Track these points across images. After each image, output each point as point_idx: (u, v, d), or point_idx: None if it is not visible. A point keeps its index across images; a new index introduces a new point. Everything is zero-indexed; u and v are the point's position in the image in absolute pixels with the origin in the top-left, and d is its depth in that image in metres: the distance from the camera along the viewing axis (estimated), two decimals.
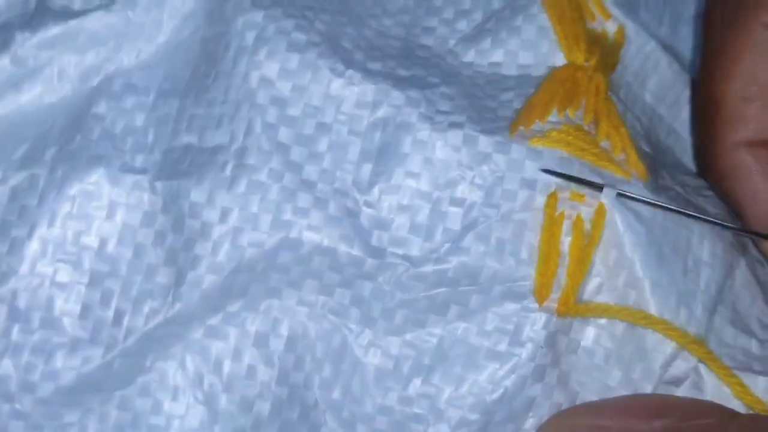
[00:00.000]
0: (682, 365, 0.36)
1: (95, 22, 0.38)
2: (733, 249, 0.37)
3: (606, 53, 0.39)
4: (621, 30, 0.40)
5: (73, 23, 0.37)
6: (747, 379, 0.36)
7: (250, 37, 0.37)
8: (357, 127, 0.36)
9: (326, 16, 0.39)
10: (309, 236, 0.35)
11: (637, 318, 0.34)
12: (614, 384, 0.35)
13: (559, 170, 0.36)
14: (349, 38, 0.38)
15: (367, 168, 0.36)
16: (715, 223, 0.36)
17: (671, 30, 0.42)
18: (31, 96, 0.37)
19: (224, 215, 0.35)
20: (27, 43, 0.37)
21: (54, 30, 0.37)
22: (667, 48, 0.41)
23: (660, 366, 0.35)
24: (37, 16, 0.38)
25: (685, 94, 0.41)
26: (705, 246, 0.36)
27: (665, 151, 0.40)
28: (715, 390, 0.36)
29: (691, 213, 0.36)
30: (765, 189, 0.37)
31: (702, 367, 0.36)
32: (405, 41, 0.39)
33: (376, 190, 0.35)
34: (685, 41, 0.42)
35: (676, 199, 0.38)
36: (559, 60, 0.38)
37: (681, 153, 0.41)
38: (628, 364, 0.35)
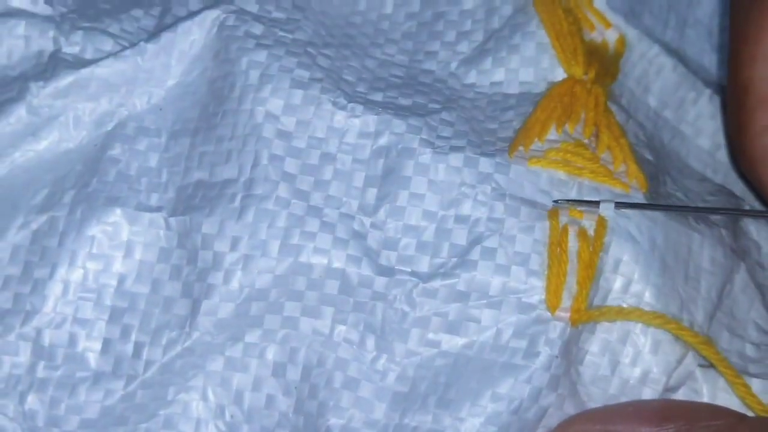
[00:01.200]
0: (681, 371, 0.36)
1: (106, 69, 0.39)
2: (734, 254, 0.38)
3: (606, 64, 0.40)
4: (621, 39, 0.41)
5: (85, 71, 0.39)
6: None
7: (254, 75, 0.38)
8: (360, 155, 0.37)
9: (329, 51, 0.40)
10: (318, 260, 0.36)
11: (650, 318, 0.35)
12: (619, 393, 0.36)
13: (556, 193, 0.36)
14: (352, 71, 0.40)
15: (372, 192, 0.37)
16: (715, 211, 0.37)
17: (677, 33, 0.42)
18: (47, 143, 0.39)
19: (234, 244, 0.36)
20: (41, 93, 0.38)
21: (67, 79, 0.39)
22: (673, 51, 0.42)
23: (664, 373, 0.36)
24: (50, 67, 0.39)
25: (691, 96, 0.42)
26: (705, 253, 0.37)
27: (670, 155, 0.41)
28: (711, 394, 0.37)
29: (690, 206, 0.37)
30: None
31: (698, 372, 0.37)
32: (408, 68, 0.41)
33: (381, 212, 0.36)
34: (692, 44, 0.42)
35: (677, 205, 0.38)
36: (560, 74, 0.39)
37: (686, 155, 0.41)
38: (634, 372, 0.36)
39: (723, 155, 0.41)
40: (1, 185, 0.38)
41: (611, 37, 0.41)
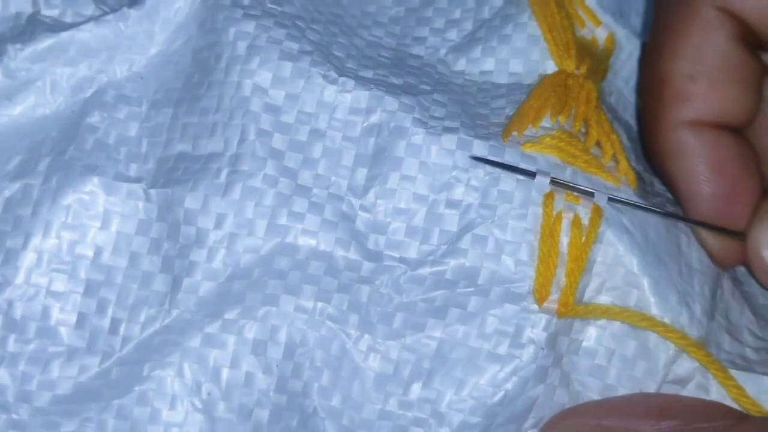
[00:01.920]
0: (687, 365, 0.36)
1: (87, 34, 0.38)
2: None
3: (596, 61, 0.39)
4: (611, 37, 0.41)
5: (64, 35, 0.38)
6: (752, 379, 0.36)
7: (242, 46, 0.37)
8: (351, 132, 0.36)
9: (317, 26, 0.39)
10: (305, 241, 0.35)
11: (637, 320, 0.35)
12: (616, 383, 0.35)
13: (552, 175, 0.36)
14: (341, 47, 0.39)
15: (362, 173, 0.36)
16: (702, 225, 0.37)
17: None
18: (23, 108, 0.37)
19: (219, 221, 0.35)
20: (19, 56, 0.37)
21: (45, 42, 0.38)
22: None
23: (663, 365, 0.36)
24: (28, 30, 0.38)
25: None
26: (693, 253, 0.37)
27: None
28: (721, 391, 0.36)
29: (679, 216, 0.37)
30: (702, 171, 0.36)
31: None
32: (396, 51, 0.40)
33: (371, 194, 0.36)
34: None
35: (665, 204, 0.38)
36: (550, 68, 0.39)
37: None
38: (630, 363, 0.36)
39: None
40: None
41: (601, 35, 0.41)
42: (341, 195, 0.36)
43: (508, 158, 0.36)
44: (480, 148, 0.36)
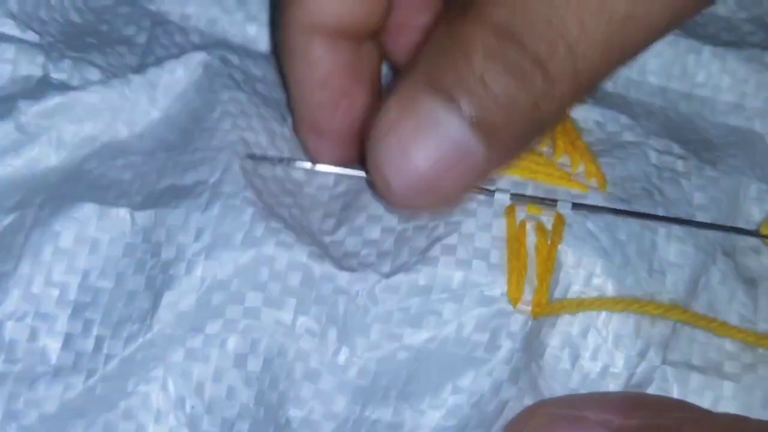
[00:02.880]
0: (645, 366, 0.36)
1: (93, 95, 0.41)
2: (709, 246, 0.38)
3: None
4: None
5: (72, 94, 0.41)
6: (712, 382, 0.36)
7: (234, 108, 0.40)
8: (320, 197, 0.39)
9: None
10: (281, 252, 0.36)
11: (610, 305, 0.35)
12: (579, 387, 0.36)
13: (513, 192, 0.37)
14: None
15: (330, 221, 0.38)
16: (685, 223, 0.37)
17: None
18: (28, 159, 0.40)
19: (198, 234, 0.37)
20: (29, 111, 0.40)
21: (54, 100, 0.41)
22: None
23: (625, 368, 0.36)
24: (38, 90, 0.41)
25: (691, 59, 0.43)
26: (672, 246, 0.37)
27: (681, 121, 0.42)
28: (681, 394, 0.37)
29: (646, 214, 0.37)
30: (309, 79, 0.36)
31: (669, 371, 0.36)
32: None
33: (341, 231, 0.38)
34: None
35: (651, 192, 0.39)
36: None
37: (704, 112, 0.42)
38: (594, 366, 0.36)
39: (752, 101, 0.42)
40: None
41: None
42: (313, 231, 0.38)
43: None
44: None
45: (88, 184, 0.39)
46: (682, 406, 0.35)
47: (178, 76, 0.42)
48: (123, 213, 0.38)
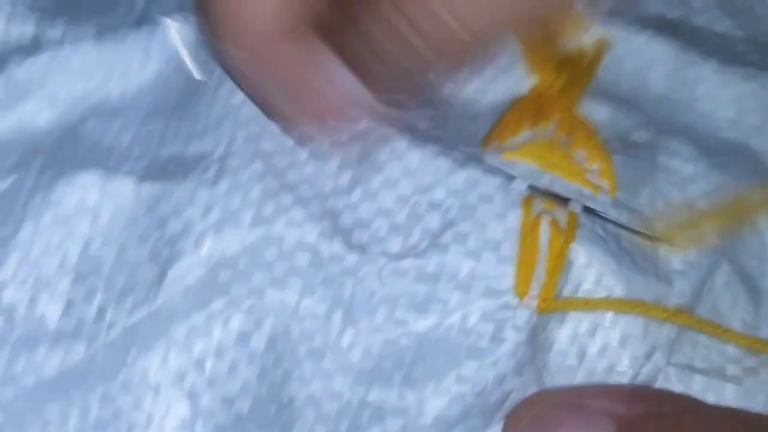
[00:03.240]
0: (651, 368, 0.37)
1: (86, 53, 0.40)
2: (713, 252, 0.39)
3: (579, 70, 0.41)
4: (601, 40, 0.43)
5: (65, 52, 0.40)
6: (715, 385, 0.37)
7: None
8: (337, 140, 0.38)
9: None
10: (290, 232, 0.36)
11: (616, 306, 0.36)
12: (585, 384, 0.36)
13: (530, 182, 0.37)
14: None
15: (346, 175, 0.37)
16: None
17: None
18: (21, 117, 0.39)
19: (206, 212, 0.36)
20: (20, 69, 0.39)
21: (46, 57, 0.39)
22: (668, 25, 0.44)
23: (630, 367, 0.37)
24: (31, 47, 0.40)
25: (692, 72, 0.43)
26: (673, 257, 0.38)
27: (681, 132, 0.42)
28: (684, 393, 0.37)
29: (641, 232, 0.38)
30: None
31: (672, 371, 0.37)
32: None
33: (355, 193, 0.37)
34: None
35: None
36: (533, 83, 0.41)
37: (702, 123, 0.42)
38: (599, 364, 0.36)
39: (749, 118, 0.42)
40: None
41: (590, 39, 0.43)
42: (326, 194, 0.37)
43: (489, 162, 0.38)
44: (460, 154, 0.38)
45: (87, 148, 0.38)
46: (683, 398, 0.36)
47: (173, 34, 0.41)
48: (126, 183, 0.37)
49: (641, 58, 0.44)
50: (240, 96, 0.39)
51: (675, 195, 0.40)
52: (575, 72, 0.41)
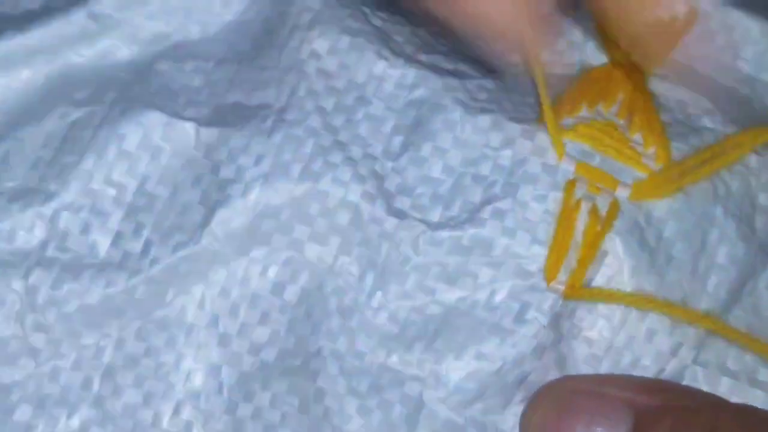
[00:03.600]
0: (676, 364, 0.37)
1: None
2: (761, 250, 0.38)
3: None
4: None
5: None
6: (742, 390, 0.37)
7: (306, 17, 0.40)
8: (394, 104, 0.39)
9: (383, 13, 0.42)
10: (335, 189, 0.37)
11: (641, 303, 0.36)
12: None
13: (580, 164, 0.37)
14: (403, 33, 0.41)
15: (398, 139, 0.38)
16: None
17: None
18: (100, 50, 0.41)
19: (258, 160, 0.38)
20: (103, 1, 0.40)
21: None
22: (762, 5, 0.42)
23: (655, 362, 0.37)
24: None
25: None
26: (722, 248, 0.38)
27: (765, 115, 0.41)
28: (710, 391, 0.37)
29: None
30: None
31: (699, 370, 0.37)
32: (456, 42, 0.42)
33: (404, 158, 0.38)
34: None
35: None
36: (604, 59, 0.41)
37: None
38: (624, 356, 0.36)
39: None
40: (51, 80, 0.40)
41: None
42: (376, 156, 0.38)
43: (539, 142, 0.38)
44: (513, 129, 0.38)
45: (158, 87, 0.40)
46: (705, 394, 0.36)
47: None
48: (189, 126, 0.38)
49: (733, 34, 0.42)
50: (308, 49, 0.40)
51: (736, 185, 0.39)
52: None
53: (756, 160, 0.40)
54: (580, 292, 0.36)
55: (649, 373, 0.37)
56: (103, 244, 0.38)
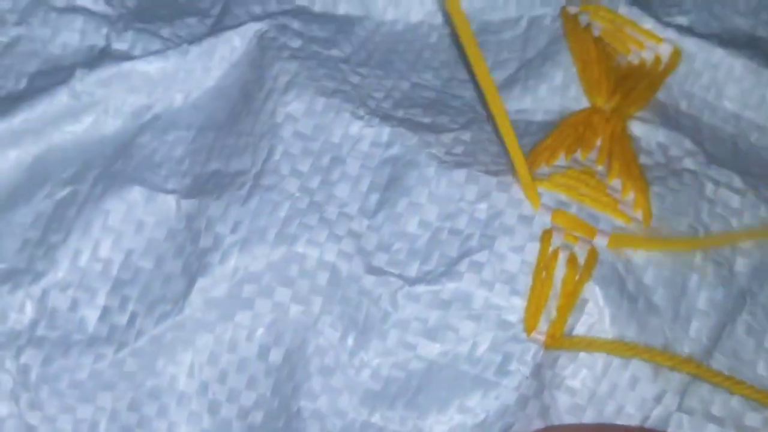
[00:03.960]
0: (661, 411, 0.37)
1: (149, 65, 0.43)
2: (741, 296, 0.38)
3: (644, 85, 0.41)
4: (677, 51, 0.42)
5: (127, 65, 0.42)
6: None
7: (282, 80, 0.41)
8: (369, 162, 0.39)
9: (363, 69, 0.43)
10: (310, 250, 0.38)
11: (622, 351, 0.36)
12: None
13: (556, 213, 0.38)
14: (382, 89, 0.42)
15: (374, 197, 0.39)
16: None
17: (752, 18, 0.44)
18: (85, 127, 0.42)
19: (235, 227, 0.38)
20: (85, 80, 0.42)
21: (111, 70, 0.42)
22: (743, 43, 0.43)
23: (639, 410, 0.37)
24: (98, 59, 0.42)
25: None
26: (702, 293, 0.38)
27: (749, 152, 0.42)
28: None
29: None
30: None
31: (685, 417, 0.37)
32: (440, 92, 0.43)
33: (380, 216, 0.38)
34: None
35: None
36: (585, 104, 0.41)
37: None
38: (608, 405, 0.37)
39: None
40: (38, 160, 0.41)
41: (665, 51, 0.42)
42: (352, 215, 0.39)
43: (514, 194, 0.38)
44: (487, 183, 0.38)
45: (141, 160, 0.41)
46: None
47: (233, 45, 0.43)
48: (170, 199, 0.39)
49: (718, 72, 0.42)
50: (284, 112, 0.40)
51: (717, 226, 0.39)
52: (634, 90, 0.41)
53: (738, 200, 0.40)
54: (561, 341, 0.36)
55: (634, 420, 0.37)
56: (91, 319, 0.39)
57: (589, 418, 0.37)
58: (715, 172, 0.40)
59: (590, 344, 0.36)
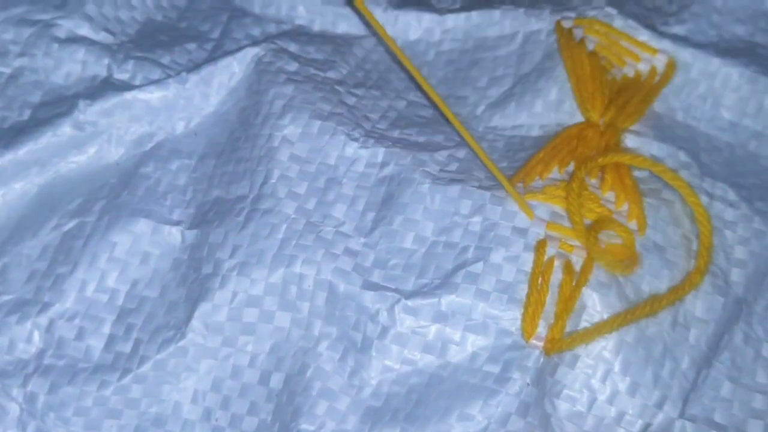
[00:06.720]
0: (663, 418, 0.38)
1: (149, 94, 0.44)
2: (738, 305, 0.39)
3: (639, 98, 0.42)
4: (671, 62, 0.43)
5: (129, 94, 0.44)
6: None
7: (278, 105, 0.42)
8: (365, 182, 0.41)
9: (359, 90, 0.43)
10: (308, 270, 0.39)
11: (619, 324, 0.37)
12: (593, 431, 0.37)
13: (551, 224, 0.38)
14: (378, 109, 0.43)
15: (370, 215, 0.40)
16: None
17: (751, 25, 0.44)
18: (88, 157, 0.44)
19: (233, 252, 0.40)
20: (88, 110, 0.43)
21: (112, 100, 0.43)
22: (741, 50, 0.43)
23: (639, 416, 0.37)
24: (99, 89, 0.44)
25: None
26: (699, 302, 0.38)
27: (747, 161, 0.42)
28: None
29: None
30: None
31: (688, 425, 0.38)
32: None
33: (376, 233, 0.40)
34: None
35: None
36: (580, 118, 0.42)
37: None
38: (609, 411, 0.37)
39: None
40: (43, 191, 0.43)
41: (661, 61, 0.43)
42: (348, 234, 0.40)
43: (508, 207, 0.39)
44: (481, 197, 0.39)
45: (145, 192, 0.42)
46: None
47: (231, 71, 0.44)
48: (175, 230, 0.41)
49: (715, 81, 0.43)
50: (280, 136, 0.41)
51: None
52: (629, 104, 0.41)
53: (731, 213, 0.40)
54: (561, 344, 0.37)
55: (636, 427, 0.37)
56: (96, 347, 0.40)
57: (590, 425, 0.37)
58: (709, 185, 0.41)
59: (586, 335, 0.37)
